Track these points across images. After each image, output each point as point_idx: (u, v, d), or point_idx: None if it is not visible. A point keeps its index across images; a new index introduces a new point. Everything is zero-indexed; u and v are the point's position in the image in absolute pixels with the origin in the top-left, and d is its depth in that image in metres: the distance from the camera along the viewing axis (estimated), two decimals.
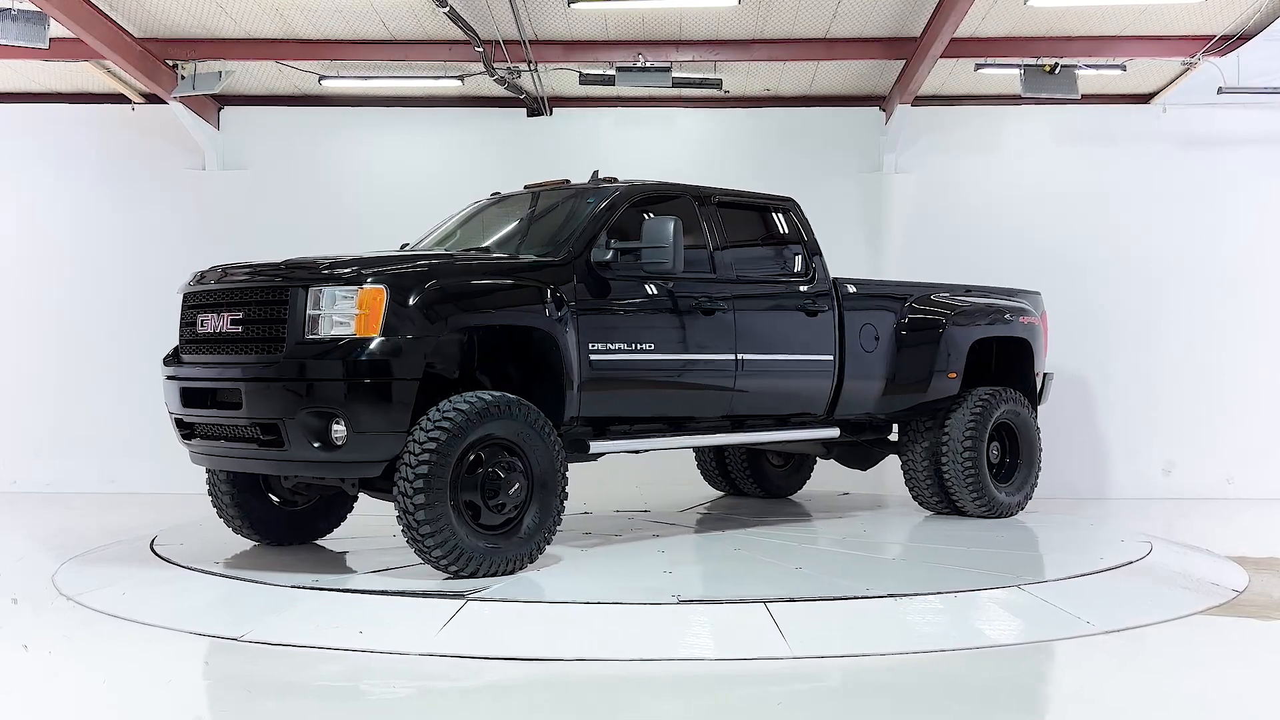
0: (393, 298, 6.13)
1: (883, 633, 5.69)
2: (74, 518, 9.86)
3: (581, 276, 6.91)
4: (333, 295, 6.16)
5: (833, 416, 8.34)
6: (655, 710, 4.82)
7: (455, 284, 6.48)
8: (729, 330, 7.53)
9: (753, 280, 7.87)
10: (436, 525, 6.05)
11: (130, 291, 11.61)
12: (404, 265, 6.48)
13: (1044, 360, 9.51)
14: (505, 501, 6.33)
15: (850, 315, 8.31)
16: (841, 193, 11.91)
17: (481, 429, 6.19)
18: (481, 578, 6.21)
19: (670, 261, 6.90)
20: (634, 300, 7.16)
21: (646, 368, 7.19)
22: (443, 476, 6.04)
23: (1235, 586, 7.02)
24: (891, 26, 10.66)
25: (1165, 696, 5.06)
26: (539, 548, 6.53)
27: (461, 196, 8.95)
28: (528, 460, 6.43)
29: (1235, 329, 11.81)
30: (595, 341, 6.87)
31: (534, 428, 6.41)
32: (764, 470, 10.23)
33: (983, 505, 8.67)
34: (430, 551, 6.12)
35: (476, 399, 6.23)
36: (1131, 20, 10.44)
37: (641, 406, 7.32)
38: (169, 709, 4.86)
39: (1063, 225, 11.87)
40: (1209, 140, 11.96)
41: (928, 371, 8.62)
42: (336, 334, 6.12)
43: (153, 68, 10.83)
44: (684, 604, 5.87)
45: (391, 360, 6.10)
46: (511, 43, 10.66)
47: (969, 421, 8.60)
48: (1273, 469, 11.68)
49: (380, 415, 6.12)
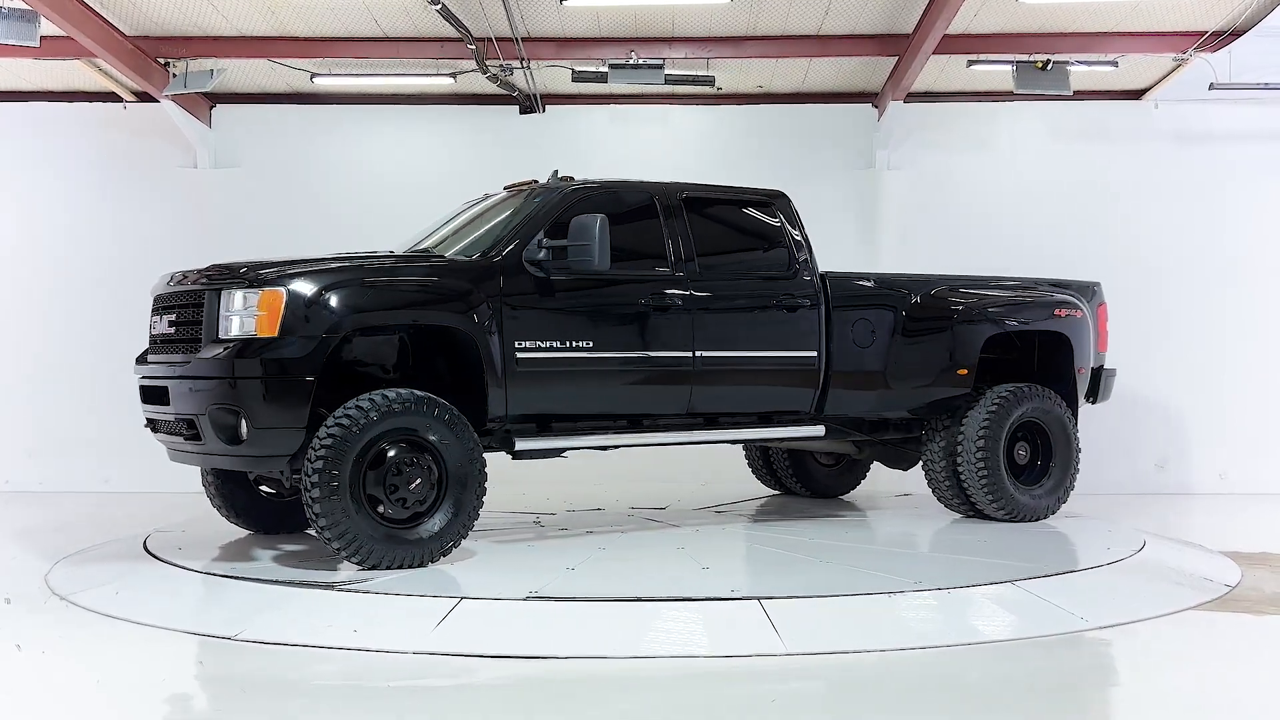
0: (290, 300, 6.40)
1: (877, 629, 5.69)
2: (66, 517, 9.85)
3: (510, 275, 6.98)
4: (239, 298, 6.48)
5: (822, 415, 8.12)
6: (650, 707, 4.82)
7: (354, 286, 6.65)
8: (685, 327, 7.46)
9: (720, 276, 7.73)
10: (333, 517, 6.29)
11: (122, 290, 11.56)
12: (312, 268, 6.65)
13: (1093, 355, 9.01)
14: (405, 496, 6.51)
15: (841, 311, 8.06)
16: (834, 189, 11.91)
17: (383, 426, 6.40)
18: (386, 569, 6.41)
19: (595, 259, 6.93)
20: (571, 298, 7.16)
21: (583, 365, 7.17)
22: (339, 470, 6.28)
23: (1228, 582, 7.04)
24: (884, 23, 10.67)
25: (1159, 692, 5.08)
26: (452, 542, 6.69)
27: (453, 194, 8.94)
28: (441, 457, 6.57)
29: (1228, 324, 11.84)
30: (523, 339, 6.94)
31: (445, 424, 6.57)
32: (809, 469, 9.97)
33: (1001, 508, 8.30)
34: (330, 542, 6.38)
35: (380, 397, 6.44)
36: (1124, 16, 10.46)
37: (580, 404, 7.31)
38: (164, 709, 4.85)
39: (1055, 221, 11.88)
40: (1201, 136, 11.99)
41: (932, 368, 8.30)
42: (241, 334, 6.43)
43: (144, 66, 10.81)
44: (677, 600, 5.88)
45: (287, 359, 6.37)
46: (504, 40, 10.65)
47: (983, 420, 8.25)
48: (1265, 464, 11.73)
49: (278, 412, 6.40)
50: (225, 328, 6.49)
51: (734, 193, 8.18)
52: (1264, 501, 11.15)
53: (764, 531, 8.26)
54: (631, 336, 7.35)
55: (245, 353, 6.36)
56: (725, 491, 10.19)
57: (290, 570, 6.54)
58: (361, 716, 4.72)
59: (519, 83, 11.59)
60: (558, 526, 8.28)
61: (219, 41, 10.90)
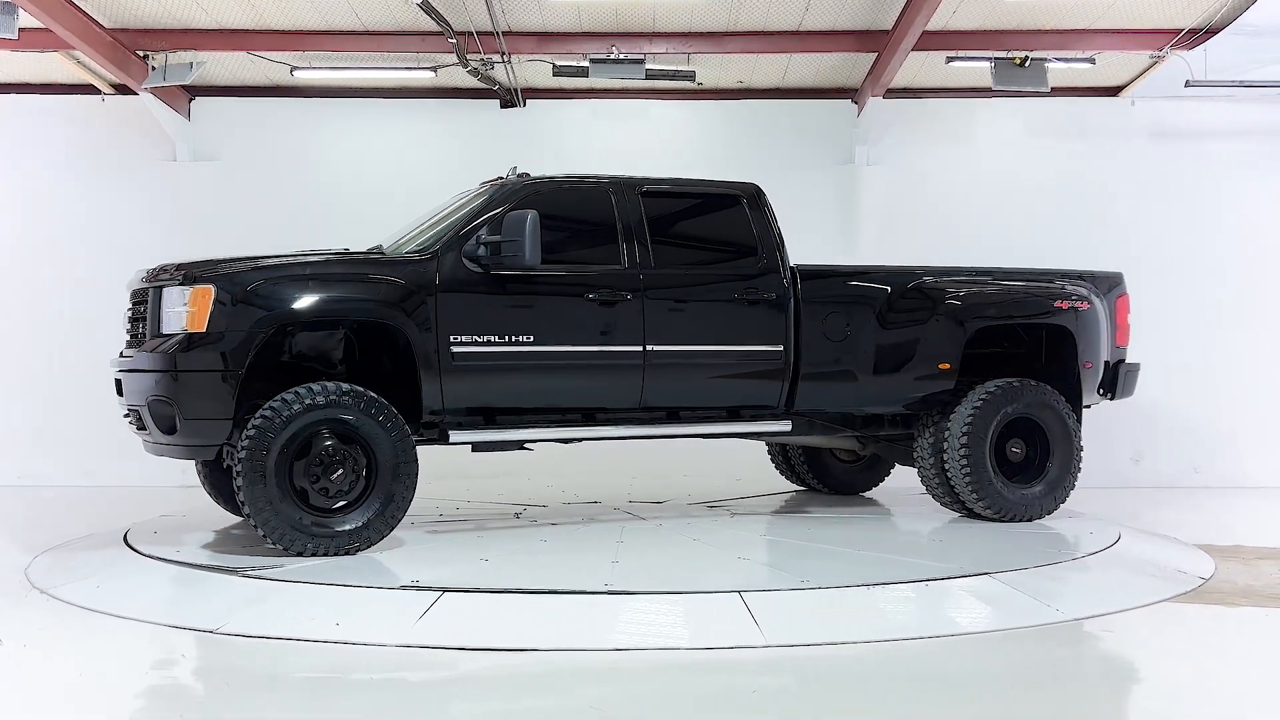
0: (218, 296, 6.68)
1: (856, 621, 5.74)
2: (46, 511, 9.82)
3: (447, 271, 7.11)
4: (174, 294, 6.79)
5: (794, 411, 7.99)
6: (630, 699, 4.85)
7: (280, 283, 6.85)
8: (635, 320, 7.46)
9: (675, 270, 7.68)
10: (257, 504, 6.57)
11: (99, 283, 11.51)
12: (242, 267, 6.88)
13: (1109, 349, 8.66)
14: (328, 486, 6.72)
15: (811, 304, 7.90)
16: (814, 185, 11.96)
17: (308, 418, 6.65)
18: (311, 556, 6.64)
19: (525, 255, 7.01)
20: (510, 294, 7.22)
21: (523, 359, 7.24)
22: (262, 461, 6.56)
23: (1202, 574, 7.13)
24: (863, 20, 10.72)
25: (1134, 683, 5.15)
26: (381, 531, 6.86)
27: (433, 187, 8.96)
28: (371, 448, 6.77)
29: (1202, 319, 11.96)
30: (459, 334, 7.06)
31: (371, 417, 6.76)
32: (827, 466, 9.78)
33: (988, 506, 8.04)
34: (256, 528, 6.65)
35: (305, 390, 6.69)
36: (1100, 14, 10.54)
37: (522, 397, 7.38)
38: (147, 702, 4.87)
39: (1033, 217, 11.97)
40: (1177, 132, 12.09)
41: (912, 363, 8.05)
42: (176, 330, 6.75)
43: (123, 58, 10.77)
44: (659, 594, 5.92)
45: (212, 353, 6.66)
46: (485, 34, 10.66)
47: (967, 416, 8.00)
48: (1238, 458, 11.87)
49: (204, 404, 6.70)
50: (164, 323, 6.83)
51: (699, 186, 8.11)
52: (1237, 495, 11.27)
53: (753, 527, 8.22)
54: (575, 330, 7.38)
55: (178, 347, 6.69)
56: (736, 488, 10.14)
57: (270, 564, 6.53)
58: (344, 709, 4.73)
59: (500, 77, 11.60)
60: (545, 520, 8.30)
61: (198, 34, 10.87)
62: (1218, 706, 4.82)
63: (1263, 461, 11.88)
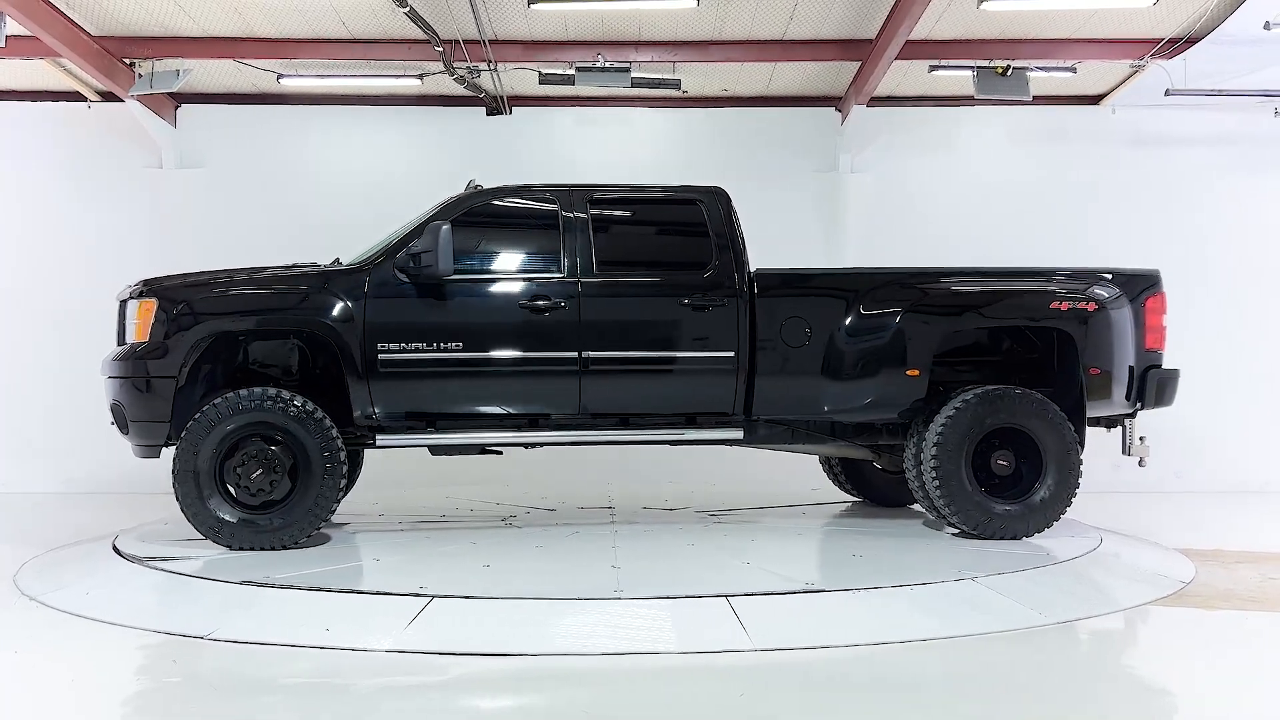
0: (159, 308, 7.26)
1: (841, 625, 5.80)
2: (33, 518, 9.81)
3: (378, 281, 7.42)
4: (132, 307, 7.38)
5: (751, 417, 7.79)
6: (619, 704, 4.89)
7: (212, 296, 7.39)
8: (570, 327, 7.49)
9: (617, 276, 7.60)
10: (187, 500, 7.13)
11: (86, 290, 11.51)
12: (184, 281, 7.47)
13: (1133, 353, 8.10)
14: (248, 485, 7.16)
15: (767, 308, 7.67)
16: (797, 192, 12.04)
17: (236, 421, 7.14)
18: (239, 549, 7.13)
19: (438, 264, 7.26)
20: (438, 302, 7.42)
21: (452, 366, 7.40)
22: (192, 460, 7.11)
23: (1182, 578, 7.20)
24: (847, 28, 10.80)
25: (1115, 686, 5.20)
26: (306, 528, 7.24)
27: (419, 195, 8.97)
28: (302, 448, 7.18)
29: (1181, 325, 11.98)
30: (386, 342, 7.34)
31: (295, 420, 7.17)
32: (866, 476, 9.39)
33: (964, 521, 7.60)
34: (191, 523, 7.18)
35: (233, 395, 7.19)
36: (1082, 23, 10.64)
37: (454, 403, 7.53)
38: (137, 709, 4.89)
39: (1015, 224, 12.06)
40: (1157, 140, 12.22)
41: (877, 369, 7.69)
42: (130, 340, 7.37)
43: (110, 66, 10.78)
44: (647, 599, 5.97)
45: (149, 361, 7.25)
46: (471, 42, 10.70)
47: (939, 427, 7.59)
48: (1218, 463, 11.98)
49: (144, 408, 7.29)
50: (127, 333, 7.44)
51: (655, 191, 8.09)
52: (1217, 499, 11.39)
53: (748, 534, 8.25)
54: (507, 337, 7.48)
55: (128, 355, 7.32)
56: (750, 495, 10.06)
57: (259, 570, 6.55)
58: (334, 714, 4.76)
59: (486, 85, 11.64)
60: (533, 525, 8.34)
61: (185, 42, 10.89)
62: (1197, 709, 4.89)
63: (1243, 466, 12.00)
